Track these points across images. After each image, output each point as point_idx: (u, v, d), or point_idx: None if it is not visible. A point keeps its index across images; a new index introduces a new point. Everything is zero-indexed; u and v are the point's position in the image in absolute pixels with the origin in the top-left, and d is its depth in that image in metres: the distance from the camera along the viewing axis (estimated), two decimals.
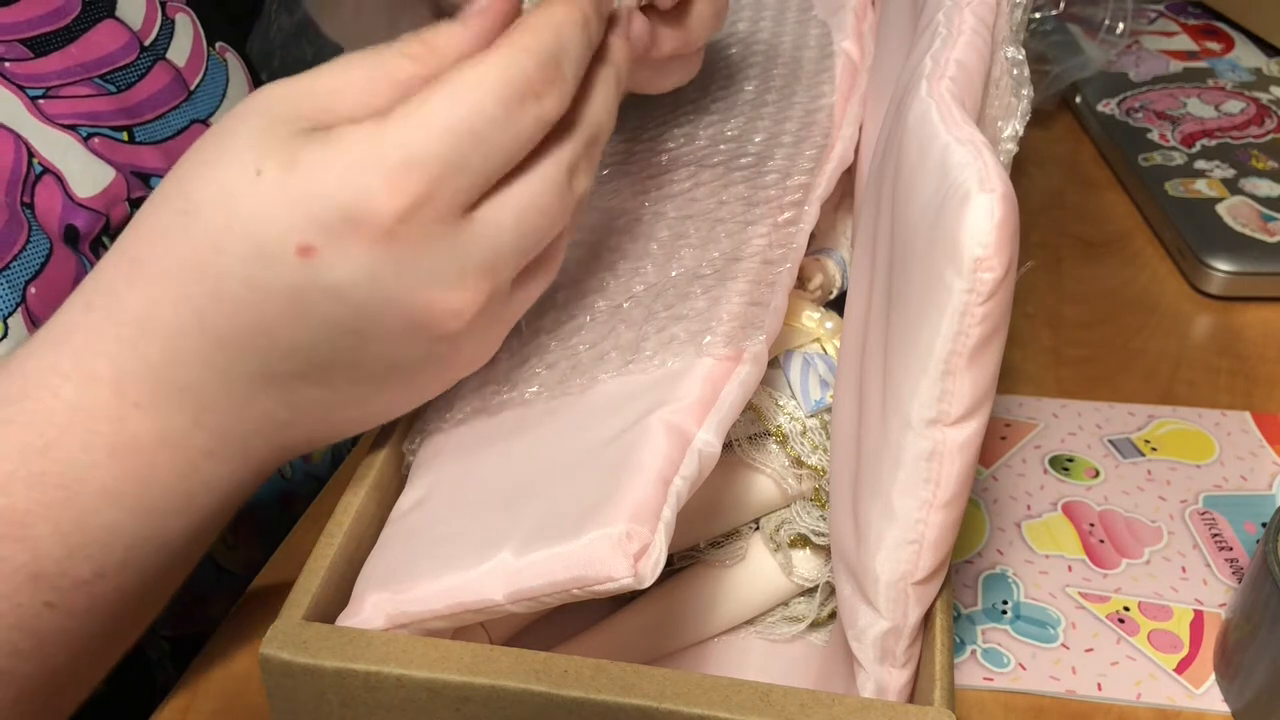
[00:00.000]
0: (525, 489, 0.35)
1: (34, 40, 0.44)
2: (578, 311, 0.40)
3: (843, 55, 0.50)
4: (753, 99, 0.49)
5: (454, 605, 0.32)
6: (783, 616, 0.42)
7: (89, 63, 0.46)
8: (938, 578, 0.32)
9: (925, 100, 0.31)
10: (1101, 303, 0.61)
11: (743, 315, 0.37)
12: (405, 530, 0.36)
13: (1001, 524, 0.48)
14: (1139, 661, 0.43)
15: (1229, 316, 0.60)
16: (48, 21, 0.45)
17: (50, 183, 0.43)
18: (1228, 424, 0.53)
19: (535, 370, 0.39)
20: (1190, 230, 0.63)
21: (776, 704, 0.30)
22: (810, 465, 0.39)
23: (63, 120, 0.44)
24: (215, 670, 0.42)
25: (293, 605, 0.33)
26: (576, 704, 0.31)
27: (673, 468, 0.32)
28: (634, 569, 0.30)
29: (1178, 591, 0.45)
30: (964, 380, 0.29)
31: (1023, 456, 0.52)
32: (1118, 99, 0.75)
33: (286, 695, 0.32)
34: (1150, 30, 0.83)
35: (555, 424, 0.37)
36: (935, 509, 0.31)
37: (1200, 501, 0.49)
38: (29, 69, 0.44)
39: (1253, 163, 0.69)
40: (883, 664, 0.34)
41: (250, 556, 0.54)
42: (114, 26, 0.47)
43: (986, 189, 0.27)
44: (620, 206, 0.45)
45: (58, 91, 0.44)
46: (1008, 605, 0.45)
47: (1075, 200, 0.70)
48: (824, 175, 0.43)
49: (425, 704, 0.32)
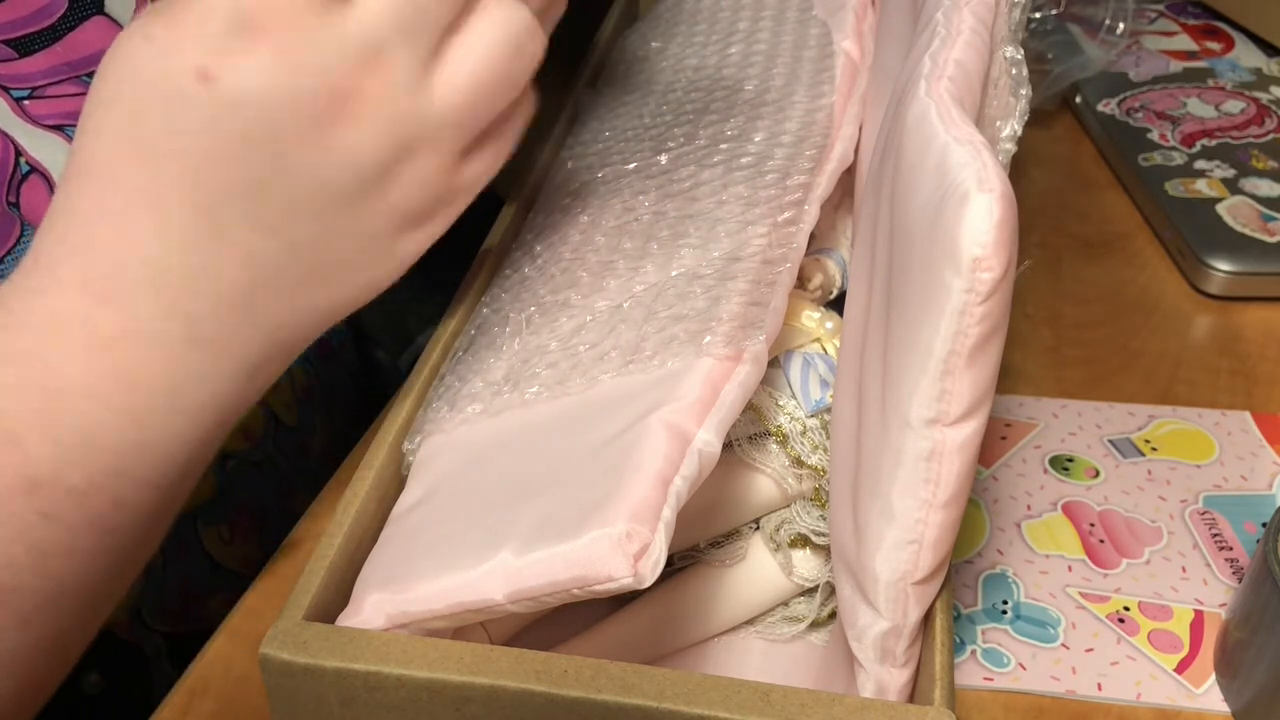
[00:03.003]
0: (525, 489, 0.35)
1: (18, 40, 0.44)
2: (578, 311, 0.40)
3: (843, 55, 0.50)
4: (753, 99, 0.49)
5: (454, 605, 0.33)
6: (783, 616, 0.42)
7: (75, 61, 0.46)
8: (938, 578, 0.33)
9: (924, 100, 0.31)
10: (1101, 303, 0.61)
11: (743, 315, 0.37)
12: (405, 530, 0.36)
13: (1001, 524, 0.48)
14: (1139, 661, 0.43)
15: (1229, 316, 0.60)
16: (32, 21, 0.45)
17: (37, 182, 0.43)
18: (1228, 424, 0.53)
19: (535, 370, 0.39)
20: (1190, 230, 0.63)
21: (776, 704, 0.30)
22: (810, 465, 0.39)
23: (48, 121, 0.44)
24: (215, 670, 0.42)
25: (293, 605, 0.33)
26: (576, 704, 0.31)
27: (673, 468, 0.32)
28: (634, 569, 0.30)
29: (1178, 591, 0.45)
30: (963, 380, 0.29)
31: (1023, 456, 0.52)
32: (1118, 99, 0.75)
33: (286, 695, 0.33)
34: (1150, 30, 0.83)
35: (555, 424, 0.37)
36: (935, 509, 0.31)
37: (1200, 501, 0.49)
38: (13, 69, 0.44)
39: (1253, 163, 0.69)
40: (883, 664, 0.34)
41: (247, 553, 0.54)
42: (103, 24, 0.47)
43: (985, 189, 0.27)
44: (621, 206, 0.45)
45: (43, 91, 0.44)
46: (1008, 605, 0.45)
47: (1075, 200, 0.70)
48: (824, 175, 0.44)
49: (425, 704, 0.32)
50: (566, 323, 0.40)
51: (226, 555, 0.52)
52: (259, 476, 0.55)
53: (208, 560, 0.52)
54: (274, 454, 0.56)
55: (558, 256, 0.44)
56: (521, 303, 0.42)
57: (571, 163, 0.50)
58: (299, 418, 0.59)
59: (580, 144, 0.51)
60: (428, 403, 0.41)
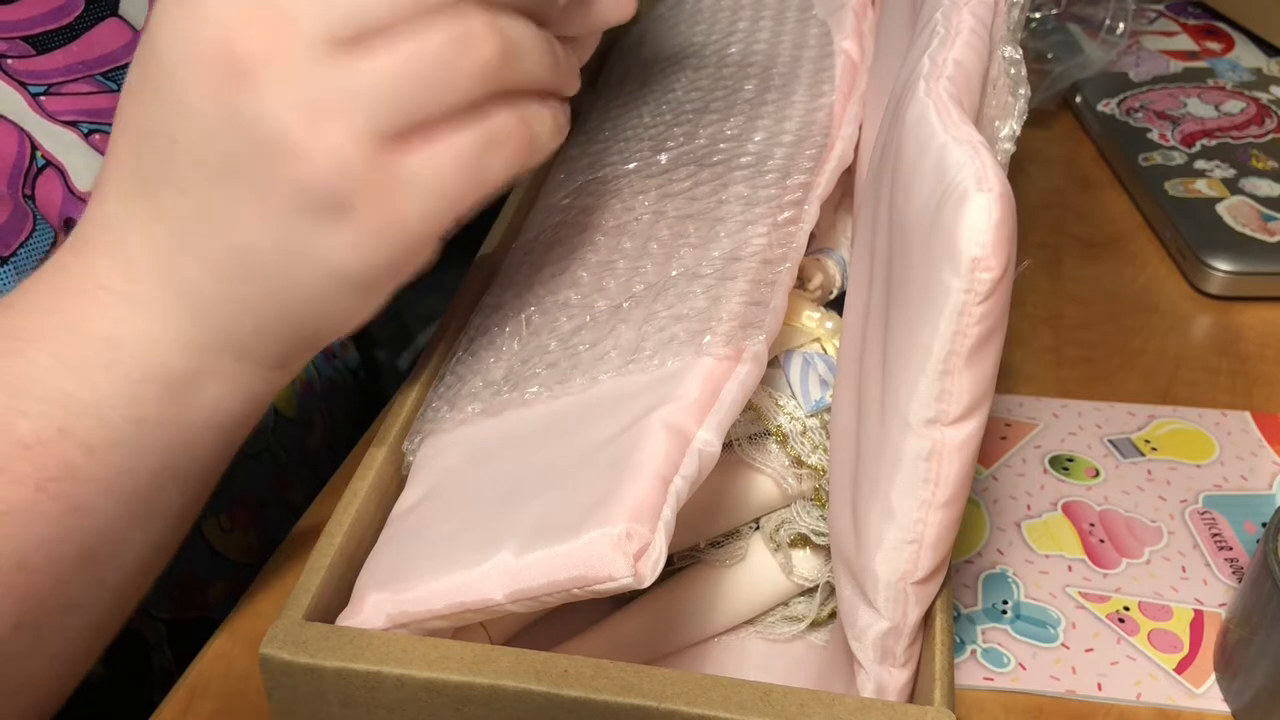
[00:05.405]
0: (525, 488, 0.35)
1: (36, 38, 0.45)
2: (578, 311, 0.40)
3: (843, 55, 0.50)
4: (753, 99, 0.49)
5: (454, 605, 0.33)
6: (783, 616, 0.42)
7: (90, 60, 0.46)
8: (937, 577, 0.33)
9: (923, 100, 0.31)
10: (1101, 303, 0.61)
11: (742, 315, 0.37)
12: (405, 530, 0.36)
13: (1001, 524, 0.48)
14: (1139, 661, 0.43)
15: (1229, 316, 0.60)
16: (50, 19, 0.46)
17: (52, 175, 0.44)
18: (1228, 424, 0.53)
19: (535, 370, 0.39)
20: (1190, 230, 0.63)
21: (776, 704, 0.30)
22: (810, 465, 0.39)
23: (64, 117, 0.45)
24: (215, 670, 0.42)
25: (293, 605, 0.33)
26: (576, 704, 0.31)
27: (672, 467, 0.33)
28: (634, 568, 0.30)
29: (1178, 591, 0.45)
30: (962, 380, 0.29)
31: (1023, 456, 0.52)
32: (1118, 99, 0.75)
33: (286, 695, 0.33)
34: (1150, 30, 0.83)
35: (555, 424, 0.37)
36: (934, 509, 0.31)
37: (1200, 501, 0.49)
38: (31, 66, 0.44)
39: (1253, 163, 0.69)
40: (883, 664, 0.34)
41: (246, 542, 0.54)
42: (117, 25, 0.48)
43: (984, 189, 0.27)
44: (621, 206, 0.45)
45: (59, 89, 0.45)
46: (1008, 605, 0.45)
47: (1075, 200, 0.70)
48: (824, 175, 0.43)
49: (425, 704, 0.32)
50: (566, 323, 0.40)
51: (226, 544, 0.53)
52: (257, 468, 0.55)
53: (207, 549, 0.52)
54: (273, 446, 0.57)
55: (557, 256, 0.44)
56: (521, 302, 0.42)
57: (571, 162, 0.50)
58: (298, 410, 0.59)
59: (579, 143, 0.51)
60: (428, 403, 0.41)
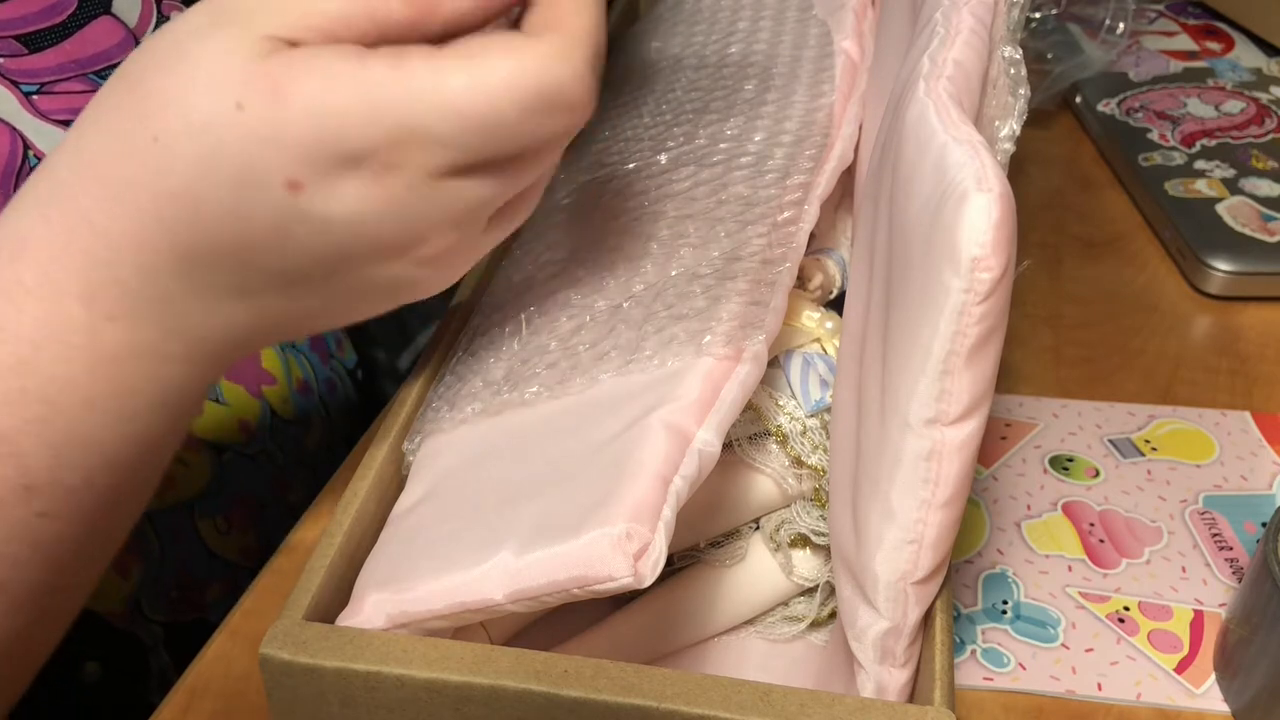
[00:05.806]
0: (525, 488, 0.35)
1: (28, 36, 0.45)
2: (578, 311, 0.40)
3: (843, 55, 0.50)
4: (753, 99, 0.49)
5: (454, 605, 0.33)
6: (783, 616, 0.42)
7: (83, 59, 0.46)
8: (937, 577, 0.33)
9: (923, 100, 0.31)
10: (1101, 303, 0.61)
11: (742, 315, 0.37)
12: (405, 530, 0.36)
13: (1001, 524, 0.48)
14: (1139, 661, 0.43)
15: (1229, 316, 0.60)
16: (42, 18, 0.45)
17: None
18: (1228, 424, 0.53)
19: (535, 370, 0.39)
20: (1190, 230, 0.63)
21: (776, 704, 0.30)
22: (810, 465, 0.39)
23: (56, 116, 0.45)
24: (215, 670, 0.42)
25: (293, 605, 0.33)
26: (576, 704, 0.31)
27: (672, 467, 0.33)
28: (634, 568, 0.30)
29: (1178, 591, 0.45)
30: (962, 380, 0.29)
31: (1023, 456, 0.52)
32: (1118, 99, 0.75)
33: (286, 695, 0.33)
34: (1150, 30, 0.83)
35: (555, 424, 0.37)
36: (934, 509, 0.31)
37: (1200, 501, 0.49)
38: (23, 65, 0.44)
39: (1253, 163, 0.69)
40: (883, 664, 0.34)
41: (244, 544, 0.54)
42: (110, 23, 0.47)
43: (984, 189, 0.27)
44: (620, 206, 0.45)
45: (51, 88, 0.45)
46: (1008, 605, 0.45)
47: (1075, 200, 0.70)
48: (824, 175, 0.44)
49: (425, 704, 0.32)
50: (566, 323, 0.40)
51: (223, 546, 0.53)
52: (255, 469, 0.55)
53: (205, 551, 0.52)
54: (270, 447, 0.57)
55: (557, 256, 0.44)
56: (521, 303, 0.42)
57: (571, 162, 0.50)
58: (295, 411, 0.59)
59: (580, 143, 0.51)
60: (428, 403, 0.41)
